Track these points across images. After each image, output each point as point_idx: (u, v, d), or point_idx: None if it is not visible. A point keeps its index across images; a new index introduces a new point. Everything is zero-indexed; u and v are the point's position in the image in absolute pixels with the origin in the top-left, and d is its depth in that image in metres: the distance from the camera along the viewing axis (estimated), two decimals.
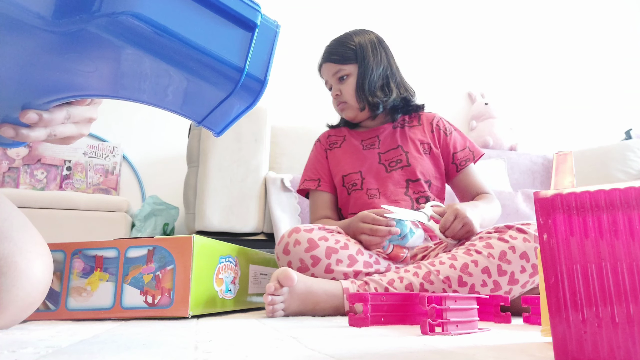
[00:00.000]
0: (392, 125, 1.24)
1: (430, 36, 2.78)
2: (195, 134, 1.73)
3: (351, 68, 1.20)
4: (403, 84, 1.25)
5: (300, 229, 0.96)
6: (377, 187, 1.15)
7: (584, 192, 0.37)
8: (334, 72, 1.21)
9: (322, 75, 1.27)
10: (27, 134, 0.47)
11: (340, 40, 1.24)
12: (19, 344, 0.47)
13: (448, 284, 0.89)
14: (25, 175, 2.00)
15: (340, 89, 1.21)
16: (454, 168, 1.20)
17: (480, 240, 0.93)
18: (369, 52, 1.21)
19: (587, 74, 3.02)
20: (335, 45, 1.24)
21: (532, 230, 0.90)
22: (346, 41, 1.22)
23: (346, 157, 1.22)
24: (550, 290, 0.37)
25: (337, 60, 1.21)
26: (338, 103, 1.24)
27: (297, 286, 0.84)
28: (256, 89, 0.42)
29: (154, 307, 0.77)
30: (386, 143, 1.21)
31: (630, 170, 2.23)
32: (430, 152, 1.20)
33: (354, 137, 1.25)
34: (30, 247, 0.57)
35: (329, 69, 1.23)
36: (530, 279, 0.90)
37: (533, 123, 2.84)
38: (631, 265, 0.34)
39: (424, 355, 0.42)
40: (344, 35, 1.25)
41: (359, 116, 1.23)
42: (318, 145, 1.31)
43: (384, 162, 1.19)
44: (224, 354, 0.41)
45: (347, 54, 1.21)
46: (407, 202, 1.13)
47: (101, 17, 0.35)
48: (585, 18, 3.10)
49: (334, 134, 1.30)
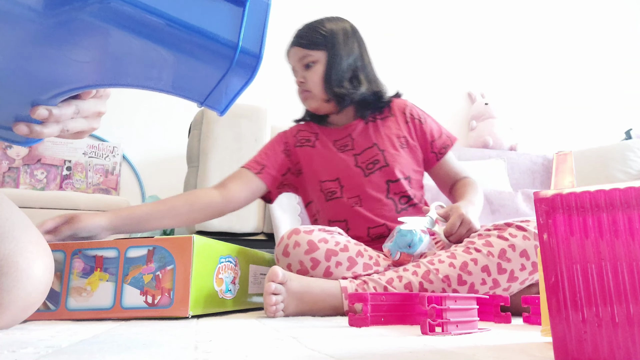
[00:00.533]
0: (363, 121, 1.18)
1: (430, 36, 2.78)
2: (195, 134, 1.73)
3: (319, 55, 1.13)
4: (374, 78, 1.19)
5: (300, 230, 0.95)
6: (358, 194, 1.11)
7: (584, 192, 0.37)
8: (301, 57, 1.15)
9: (289, 60, 1.19)
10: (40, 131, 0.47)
11: (311, 25, 1.17)
12: (19, 344, 0.47)
13: (447, 283, 0.89)
14: (25, 175, 2.00)
15: (305, 76, 1.14)
16: (434, 157, 1.18)
17: (480, 238, 0.92)
18: (339, 40, 1.15)
19: (587, 74, 3.02)
20: (305, 29, 1.17)
21: (532, 228, 0.90)
22: (317, 26, 1.16)
23: (321, 161, 1.16)
24: (550, 290, 0.37)
25: (305, 45, 1.14)
26: (302, 91, 1.16)
27: (293, 285, 0.84)
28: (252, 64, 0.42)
29: (154, 307, 0.77)
30: (360, 142, 1.16)
31: (630, 170, 2.23)
32: (407, 145, 1.16)
33: (326, 136, 1.19)
34: (31, 247, 0.57)
35: (296, 54, 1.16)
36: (529, 276, 0.90)
37: (533, 123, 2.84)
38: (631, 265, 0.34)
39: (424, 355, 0.42)
40: (316, 20, 1.18)
41: (323, 108, 1.16)
42: (282, 136, 1.22)
43: (361, 164, 1.13)
44: (224, 354, 0.41)
45: (316, 39, 1.14)
46: (389, 205, 1.10)
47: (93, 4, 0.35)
48: (585, 18, 3.10)
49: (305, 129, 1.22)
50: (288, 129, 1.24)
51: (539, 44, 2.97)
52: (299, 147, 1.19)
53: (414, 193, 1.14)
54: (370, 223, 1.09)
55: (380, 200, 1.10)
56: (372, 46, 1.22)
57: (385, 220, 1.09)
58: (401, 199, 1.12)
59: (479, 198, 1.10)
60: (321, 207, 1.15)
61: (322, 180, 1.14)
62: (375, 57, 1.23)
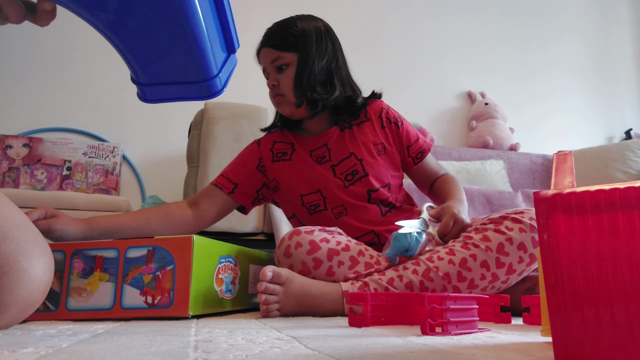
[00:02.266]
0: (338, 128, 1.13)
1: (430, 36, 2.78)
2: (195, 134, 1.73)
3: (291, 57, 1.08)
4: (349, 82, 1.14)
5: (300, 231, 0.95)
6: (342, 204, 1.08)
7: (584, 192, 0.37)
8: (272, 60, 1.09)
9: (260, 61, 1.13)
10: None
11: (282, 24, 1.11)
12: (19, 344, 0.47)
13: (448, 280, 0.89)
14: (25, 175, 2.00)
15: (278, 80, 1.09)
16: (411, 161, 1.16)
17: (477, 233, 0.92)
18: (312, 41, 1.08)
19: (587, 74, 3.02)
20: (276, 29, 1.11)
21: (527, 219, 0.91)
22: (288, 26, 1.10)
23: (299, 175, 1.11)
24: (551, 290, 0.37)
25: (276, 46, 1.08)
26: (274, 95, 1.11)
27: (292, 286, 0.84)
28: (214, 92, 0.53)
29: (154, 307, 0.77)
30: (337, 152, 1.11)
31: (630, 170, 2.23)
32: (384, 152, 1.13)
33: (302, 147, 1.14)
34: (32, 246, 0.57)
35: (267, 55, 1.10)
36: (527, 268, 0.91)
37: (533, 123, 2.84)
38: (631, 265, 0.34)
39: (424, 355, 0.42)
40: (287, 19, 1.12)
41: (297, 113, 1.10)
42: (256, 151, 1.17)
43: (340, 176, 1.09)
44: (224, 354, 0.41)
45: (287, 40, 1.08)
46: (374, 210, 1.08)
47: None
48: (585, 18, 3.10)
49: (280, 140, 1.16)
50: (262, 140, 1.19)
51: (539, 44, 2.97)
52: (275, 162, 1.14)
53: (395, 197, 1.12)
54: (358, 232, 1.06)
55: (364, 206, 1.08)
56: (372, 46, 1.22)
57: (372, 226, 1.07)
58: (383, 204, 1.10)
59: (463, 194, 1.11)
60: (305, 221, 1.12)
61: (302, 194, 1.10)
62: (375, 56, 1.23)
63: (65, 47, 2.26)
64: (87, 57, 2.30)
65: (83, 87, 2.28)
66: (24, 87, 2.21)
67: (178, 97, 0.53)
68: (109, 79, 2.29)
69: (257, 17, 2.51)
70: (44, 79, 2.24)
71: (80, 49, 2.28)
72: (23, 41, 2.23)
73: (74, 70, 2.27)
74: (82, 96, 2.28)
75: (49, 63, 2.26)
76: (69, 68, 2.27)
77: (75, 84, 2.27)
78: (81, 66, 2.27)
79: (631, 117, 3.01)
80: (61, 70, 2.26)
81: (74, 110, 2.25)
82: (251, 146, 1.20)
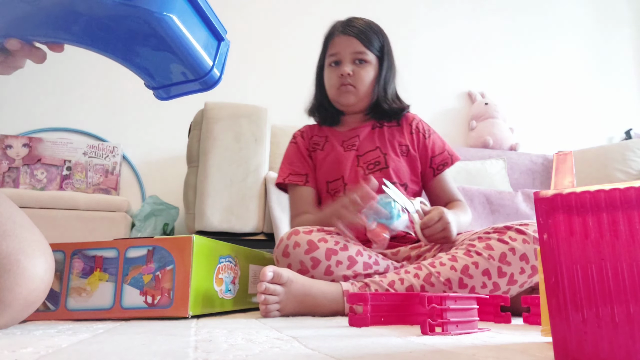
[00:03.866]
0: (371, 124, 1.21)
1: (430, 36, 2.78)
2: (195, 134, 1.73)
3: (373, 58, 1.15)
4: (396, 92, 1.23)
5: (299, 230, 0.95)
6: None
7: (584, 192, 0.37)
8: (356, 51, 1.14)
9: (336, 46, 1.15)
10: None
11: (369, 23, 1.17)
12: (19, 344, 0.47)
13: (449, 285, 0.89)
14: (25, 175, 2.00)
15: (355, 71, 1.14)
16: (431, 172, 1.19)
17: (480, 241, 0.92)
18: (391, 52, 1.19)
19: (587, 74, 3.02)
20: (365, 26, 1.16)
21: (531, 231, 0.91)
22: (377, 29, 1.17)
23: (328, 162, 1.18)
24: (550, 290, 0.37)
25: (364, 41, 1.14)
26: (345, 84, 1.14)
27: (293, 287, 0.84)
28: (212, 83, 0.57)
29: (154, 307, 0.77)
30: (365, 144, 1.18)
31: (630, 170, 2.23)
32: (407, 154, 1.18)
33: (336, 138, 1.21)
34: (33, 245, 0.57)
35: (351, 44, 1.14)
36: (528, 279, 0.91)
37: (533, 123, 2.84)
38: (631, 265, 0.34)
39: (424, 355, 0.42)
40: (370, 20, 1.18)
41: (356, 105, 1.18)
42: (300, 141, 1.24)
43: (362, 164, 1.15)
44: (224, 354, 0.41)
45: (375, 41, 1.15)
46: None
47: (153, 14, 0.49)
48: (585, 18, 3.10)
49: (317, 134, 1.25)
50: (302, 133, 1.27)
51: (539, 44, 2.97)
52: (312, 152, 1.23)
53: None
54: None
55: None
56: None
57: None
58: None
59: (465, 218, 1.12)
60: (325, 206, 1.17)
61: (329, 180, 1.17)
62: None
63: (65, 47, 2.26)
64: (87, 57, 2.29)
65: (83, 87, 2.28)
66: (24, 87, 2.20)
67: (186, 92, 0.59)
68: (109, 79, 2.29)
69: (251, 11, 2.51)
70: (44, 79, 2.24)
71: (80, 48, 2.28)
72: None
73: (74, 70, 2.27)
74: (82, 96, 2.27)
75: (49, 63, 2.25)
76: (69, 68, 2.27)
77: (75, 84, 2.27)
78: (81, 66, 2.27)
79: (631, 117, 3.01)
80: (61, 70, 2.26)
81: (74, 110, 2.25)
82: (296, 140, 1.26)
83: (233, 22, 2.50)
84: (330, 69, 1.18)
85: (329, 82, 1.18)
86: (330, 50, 1.17)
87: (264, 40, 2.49)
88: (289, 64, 2.45)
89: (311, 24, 2.62)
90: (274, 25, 2.52)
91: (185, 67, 0.54)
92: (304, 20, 2.53)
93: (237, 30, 2.49)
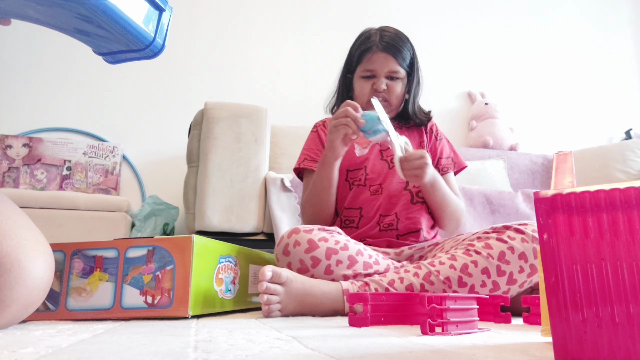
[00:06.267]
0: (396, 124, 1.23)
1: (430, 35, 2.78)
2: (195, 134, 1.73)
3: (404, 73, 1.18)
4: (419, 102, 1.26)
5: (299, 229, 0.95)
6: (380, 183, 1.16)
7: (584, 192, 0.37)
8: (391, 70, 1.17)
9: (374, 62, 1.17)
10: None
11: (402, 38, 1.19)
12: (19, 344, 0.47)
13: (448, 284, 0.90)
14: (25, 175, 2.00)
15: (388, 85, 1.17)
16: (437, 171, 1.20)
17: (479, 241, 0.94)
18: (419, 64, 1.22)
19: (587, 74, 3.02)
20: (399, 41, 1.18)
21: (530, 231, 0.91)
22: (407, 41, 1.19)
23: (350, 151, 1.21)
24: (550, 290, 0.37)
25: (399, 59, 1.17)
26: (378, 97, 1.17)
27: (293, 286, 0.84)
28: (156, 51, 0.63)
29: (154, 307, 0.77)
30: None
31: (630, 170, 2.23)
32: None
33: None
34: (33, 245, 0.57)
35: (388, 62, 1.16)
36: (528, 279, 0.91)
37: (533, 123, 2.84)
38: (631, 265, 0.34)
39: (424, 355, 0.42)
40: (399, 31, 1.20)
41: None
42: (321, 130, 1.27)
43: (386, 158, 1.20)
44: (224, 354, 0.41)
45: (407, 57, 1.18)
46: (406, 196, 1.16)
47: None
48: (585, 18, 3.10)
49: None
50: (324, 122, 1.29)
51: (539, 44, 2.97)
52: None
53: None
54: (382, 211, 1.14)
55: (400, 191, 1.16)
56: None
57: (396, 210, 1.14)
58: (419, 193, 1.17)
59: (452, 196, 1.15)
60: (343, 197, 1.19)
61: (349, 169, 1.20)
62: None
63: (65, 47, 2.25)
64: (87, 57, 2.29)
65: (83, 87, 2.28)
66: (24, 87, 2.20)
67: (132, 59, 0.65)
68: (109, 79, 2.29)
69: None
70: (44, 79, 2.24)
71: (80, 48, 2.27)
72: (23, 41, 2.23)
73: (74, 70, 2.27)
74: (82, 96, 2.27)
75: (49, 63, 2.26)
76: (69, 68, 2.27)
77: (75, 84, 2.27)
78: (81, 66, 2.27)
79: (631, 117, 3.01)
80: (61, 70, 2.26)
81: (74, 110, 2.25)
82: (317, 128, 1.28)
83: (233, 22, 2.50)
84: (363, 80, 1.20)
85: (361, 91, 1.20)
86: (366, 65, 1.18)
87: (264, 40, 2.49)
88: (289, 64, 2.45)
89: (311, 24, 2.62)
90: (273, 25, 2.52)
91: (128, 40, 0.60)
92: (304, 20, 2.53)
93: (237, 30, 2.49)
